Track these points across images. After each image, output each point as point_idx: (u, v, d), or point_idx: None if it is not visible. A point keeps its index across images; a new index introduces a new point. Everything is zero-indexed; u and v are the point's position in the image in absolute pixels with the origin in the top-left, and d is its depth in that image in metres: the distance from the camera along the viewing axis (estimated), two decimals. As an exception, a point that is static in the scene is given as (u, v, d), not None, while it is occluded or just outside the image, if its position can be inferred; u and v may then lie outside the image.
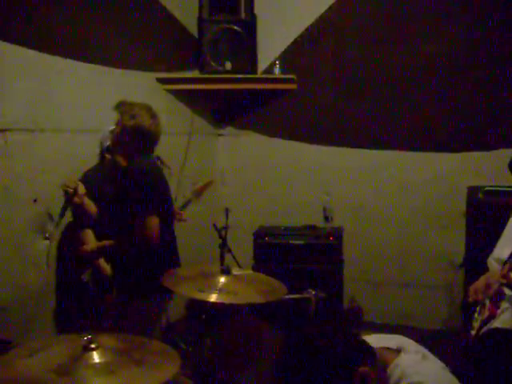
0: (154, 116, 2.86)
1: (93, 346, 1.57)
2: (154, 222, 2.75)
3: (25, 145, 3.04)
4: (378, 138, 4.42)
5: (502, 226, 3.09)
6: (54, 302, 3.07)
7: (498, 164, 3.06)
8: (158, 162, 3.78)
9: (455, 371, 1.72)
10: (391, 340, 1.73)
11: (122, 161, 2.88)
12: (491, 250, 2.98)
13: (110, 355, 1.58)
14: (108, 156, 2.96)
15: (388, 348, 1.67)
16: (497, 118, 4.15)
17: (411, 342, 1.74)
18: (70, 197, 2.67)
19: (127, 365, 1.57)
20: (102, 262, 2.83)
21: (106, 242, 2.84)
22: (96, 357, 1.56)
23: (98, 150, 3.04)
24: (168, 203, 3.03)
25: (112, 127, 2.88)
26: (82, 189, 2.73)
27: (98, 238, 2.89)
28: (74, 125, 3.32)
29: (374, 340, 1.68)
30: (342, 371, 1.48)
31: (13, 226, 2.91)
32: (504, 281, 2.71)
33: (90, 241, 2.88)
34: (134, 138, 2.81)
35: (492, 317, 2.91)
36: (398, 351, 1.65)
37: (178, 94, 4.31)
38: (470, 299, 2.97)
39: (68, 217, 2.92)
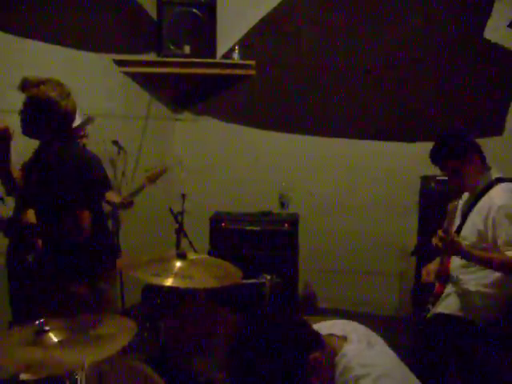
0: (68, 95, 2.58)
1: (47, 328, 1.55)
2: (84, 217, 2.54)
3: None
4: (335, 126, 4.46)
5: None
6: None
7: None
8: (116, 147, 3.73)
9: (406, 357, 1.75)
10: (337, 326, 1.74)
11: (41, 146, 2.66)
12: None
13: (65, 335, 1.57)
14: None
15: (333, 335, 1.68)
16: (450, 108, 4.24)
17: (357, 327, 1.73)
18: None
19: (84, 340, 1.56)
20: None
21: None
22: (53, 337, 1.55)
23: None
24: (101, 191, 2.91)
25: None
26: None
27: None
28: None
29: (322, 326, 1.69)
30: (293, 358, 1.50)
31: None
32: (439, 243, 2.79)
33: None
34: (39, 113, 2.54)
35: (437, 297, 3.02)
36: (343, 338, 1.65)
37: (136, 77, 4.25)
38: (423, 280, 3.05)
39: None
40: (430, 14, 4.19)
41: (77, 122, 2.90)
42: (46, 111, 2.55)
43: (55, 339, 1.53)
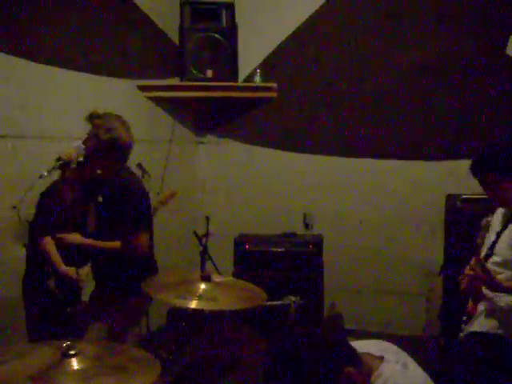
0: (128, 128, 2.82)
1: (72, 352, 1.55)
2: (144, 238, 2.85)
3: (5, 151, 3.03)
4: (359, 146, 4.46)
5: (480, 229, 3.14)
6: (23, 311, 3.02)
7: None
8: (139, 171, 3.79)
9: (436, 377, 1.74)
10: (373, 346, 1.74)
11: (101, 174, 2.84)
12: (468, 258, 3.02)
13: (89, 362, 1.57)
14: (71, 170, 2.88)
15: (370, 354, 1.67)
16: (474, 126, 4.21)
17: (393, 347, 1.74)
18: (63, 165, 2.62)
19: (105, 372, 1.56)
20: (64, 267, 2.80)
21: (95, 242, 2.84)
22: (74, 363, 1.55)
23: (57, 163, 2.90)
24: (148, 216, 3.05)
25: (79, 141, 2.79)
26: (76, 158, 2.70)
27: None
28: (54, 132, 3.31)
29: (357, 346, 1.69)
30: (328, 371, 1.50)
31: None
32: (471, 272, 2.76)
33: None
34: (110, 152, 2.76)
35: (470, 316, 2.97)
36: (380, 358, 1.65)
37: (159, 102, 4.31)
38: (461, 288, 2.99)
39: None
40: (451, 32, 4.18)
41: None
42: (115, 153, 2.79)
43: (75, 366, 1.52)
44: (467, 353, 2.86)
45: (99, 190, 2.88)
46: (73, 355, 1.56)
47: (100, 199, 2.88)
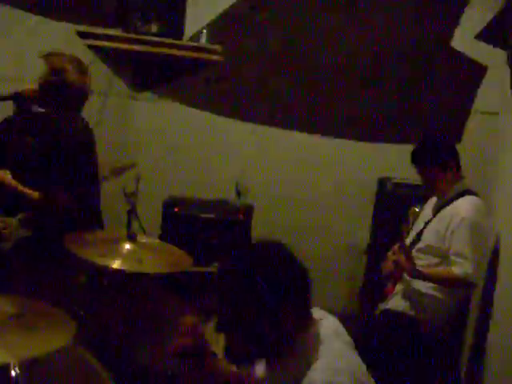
0: (82, 71, 2.73)
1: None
2: (64, 196, 2.74)
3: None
4: (298, 120, 4.44)
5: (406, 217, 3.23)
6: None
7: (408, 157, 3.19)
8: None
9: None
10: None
11: (49, 115, 2.73)
12: (394, 242, 3.11)
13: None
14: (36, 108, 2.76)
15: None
16: (412, 113, 4.28)
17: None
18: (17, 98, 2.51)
19: (14, 329, 1.46)
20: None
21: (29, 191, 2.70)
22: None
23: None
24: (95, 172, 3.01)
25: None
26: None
27: None
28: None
29: None
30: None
31: None
32: (394, 257, 2.88)
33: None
34: (58, 93, 2.66)
35: (386, 296, 3.08)
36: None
37: (98, 51, 4.11)
38: (382, 273, 3.10)
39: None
40: (396, 19, 4.19)
41: None
42: (64, 96, 2.68)
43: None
44: (380, 327, 2.98)
45: (37, 132, 2.74)
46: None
47: (34, 142, 2.74)
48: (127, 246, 2.39)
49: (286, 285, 1.56)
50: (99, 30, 4.06)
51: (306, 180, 4.45)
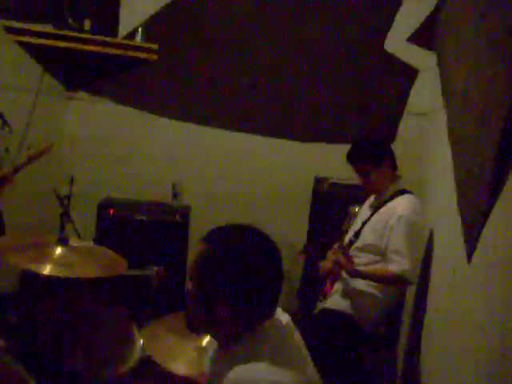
0: None
1: None
2: None
3: None
4: (234, 119, 4.42)
5: (343, 217, 3.27)
6: None
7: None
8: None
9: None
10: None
11: None
12: (332, 242, 3.15)
13: None
14: None
15: None
16: (346, 113, 4.34)
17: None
18: None
19: None
20: None
21: None
22: None
23: None
24: None
25: None
26: None
27: None
28: None
29: None
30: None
31: None
32: (333, 256, 2.92)
33: None
34: None
35: (326, 294, 3.11)
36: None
37: (28, 48, 3.96)
38: (321, 272, 3.13)
39: None
40: (331, 18, 4.24)
41: None
42: None
43: None
44: (319, 326, 3.00)
45: None
46: None
47: None
48: (59, 251, 2.30)
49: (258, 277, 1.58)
50: (28, 26, 3.91)
51: (242, 179, 4.45)
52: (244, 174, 4.45)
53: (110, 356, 2.25)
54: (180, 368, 2.09)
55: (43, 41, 3.94)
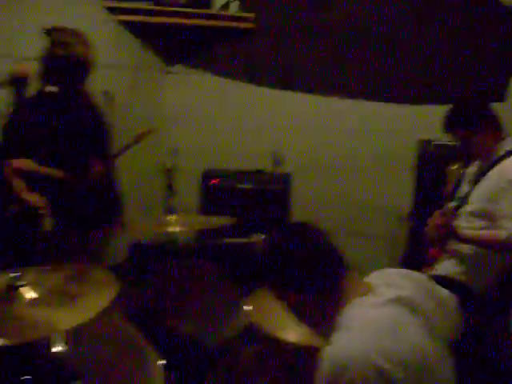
0: (87, 44, 2.67)
1: (20, 283, 1.45)
2: (99, 166, 2.77)
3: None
4: (332, 85, 4.33)
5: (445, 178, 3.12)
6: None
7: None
8: (106, 98, 3.62)
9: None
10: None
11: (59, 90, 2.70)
12: (437, 205, 3.03)
13: (42, 290, 1.47)
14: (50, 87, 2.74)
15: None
16: (451, 72, 4.13)
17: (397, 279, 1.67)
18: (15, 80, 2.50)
19: (58, 300, 1.46)
20: (27, 193, 2.66)
21: (55, 171, 2.71)
22: (27, 294, 1.45)
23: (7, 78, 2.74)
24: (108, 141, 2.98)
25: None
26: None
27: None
28: (9, 50, 3.08)
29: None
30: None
31: None
32: (439, 220, 2.79)
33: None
34: (65, 69, 2.61)
35: (432, 261, 3.00)
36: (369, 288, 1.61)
37: (128, 26, 4.07)
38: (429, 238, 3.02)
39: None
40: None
41: None
42: (72, 70, 2.64)
43: (27, 297, 1.42)
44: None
45: (58, 112, 2.71)
46: (22, 286, 1.45)
47: (56, 122, 2.72)
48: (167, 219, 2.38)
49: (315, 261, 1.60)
50: (127, 4, 4.01)
51: (343, 146, 4.37)
52: (345, 141, 4.36)
53: (217, 321, 2.30)
54: (288, 335, 2.10)
55: (141, 18, 4.04)
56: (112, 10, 3.88)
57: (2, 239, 2.77)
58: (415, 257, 3.68)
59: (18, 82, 2.47)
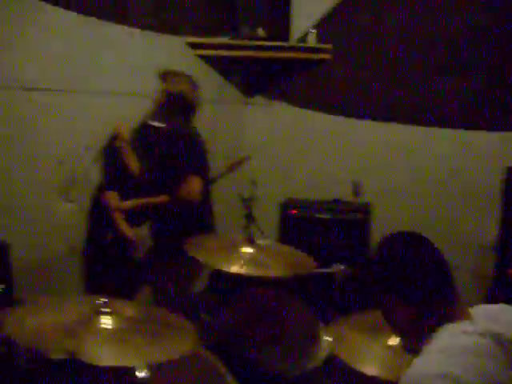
0: (195, 86, 3.04)
1: (106, 310, 1.50)
2: (198, 181, 2.92)
3: (52, 105, 3.00)
4: (414, 113, 4.26)
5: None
6: (80, 265, 3.03)
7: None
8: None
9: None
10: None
11: (165, 125, 2.95)
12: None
13: (123, 322, 1.51)
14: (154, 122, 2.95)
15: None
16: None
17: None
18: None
19: (139, 334, 1.49)
20: (123, 223, 2.80)
21: (151, 199, 2.88)
22: (108, 322, 1.49)
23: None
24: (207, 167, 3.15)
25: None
26: (125, 133, 2.79)
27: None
28: (101, 87, 3.26)
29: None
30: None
31: (38, 188, 2.88)
32: None
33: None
34: (177, 106, 2.91)
35: None
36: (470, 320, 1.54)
37: (208, 60, 4.20)
38: None
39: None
40: None
41: None
42: (182, 108, 2.98)
43: (108, 325, 1.46)
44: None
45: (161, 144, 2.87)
46: (107, 313, 1.50)
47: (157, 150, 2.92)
48: (247, 250, 2.39)
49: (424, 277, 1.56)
50: (209, 40, 4.14)
51: (426, 174, 4.27)
52: (426, 169, 4.26)
53: (296, 352, 2.28)
54: (369, 368, 2.05)
55: (222, 52, 4.15)
56: (193, 45, 4.01)
57: (97, 264, 2.90)
58: (504, 288, 3.53)
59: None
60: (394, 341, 2.11)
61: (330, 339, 2.28)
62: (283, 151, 4.53)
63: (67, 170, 3.05)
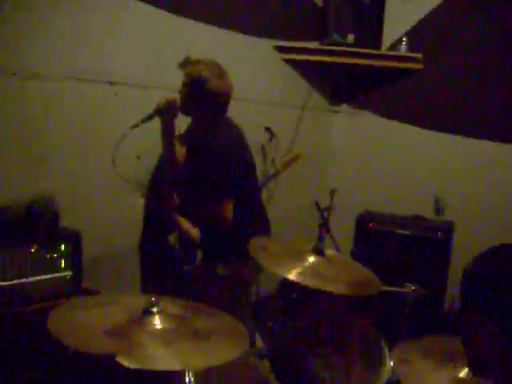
0: (221, 75, 2.58)
1: (155, 309, 1.47)
2: (227, 208, 2.54)
3: (134, 100, 3.04)
4: (504, 131, 4.01)
5: None
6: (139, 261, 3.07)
7: None
8: (267, 134, 3.65)
9: None
10: None
11: (198, 126, 2.69)
12: None
13: (172, 322, 1.47)
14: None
15: None
16: None
17: None
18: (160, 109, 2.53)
19: (186, 336, 1.44)
20: (189, 226, 2.70)
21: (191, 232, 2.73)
22: (156, 322, 1.46)
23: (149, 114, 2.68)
24: (250, 177, 2.78)
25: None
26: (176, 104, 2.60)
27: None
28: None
29: None
30: None
31: (115, 182, 2.90)
32: None
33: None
34: (198, 100, 2.57)
35: None
36: None
37: (295, 65, 4.14)
38: None
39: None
40: None
41: None
42: (206, 103, 2.57)
43: (157, 325, 1.43)
44: None
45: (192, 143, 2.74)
46: (155, 313, 1.47)
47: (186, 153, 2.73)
48: (312, 260, 2.30)
49: None
50: (297, 44, 4.09)
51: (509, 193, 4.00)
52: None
53: (358, 373, 2.17)
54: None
55: (310, 57, 4.08)
56: (280, 48, 3.97)
57: (158, 265, 2.90)
58: None
59: (164, 112, 2.53)
60: (465, 374, 1.95)
61: (392, 362, 2.15)
62: (365, 161, 4.41)
63: (144, 166, 3.08)
